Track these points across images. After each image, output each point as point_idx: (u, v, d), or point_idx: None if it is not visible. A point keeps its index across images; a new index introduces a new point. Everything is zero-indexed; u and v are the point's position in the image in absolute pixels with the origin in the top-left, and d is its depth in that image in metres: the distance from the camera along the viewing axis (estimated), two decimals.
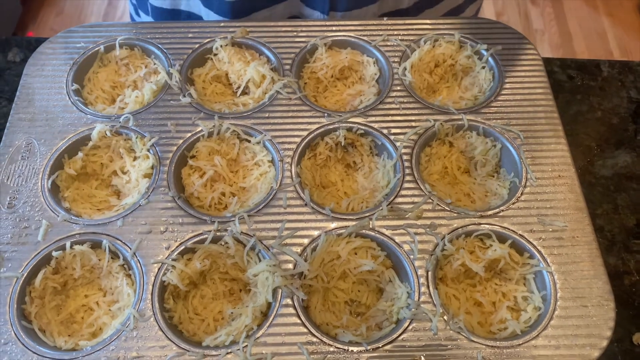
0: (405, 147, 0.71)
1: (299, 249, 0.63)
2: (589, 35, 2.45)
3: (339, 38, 0.80)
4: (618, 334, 0.66)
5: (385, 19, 0.81)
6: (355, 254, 0.64)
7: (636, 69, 0.87)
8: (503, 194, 0.70)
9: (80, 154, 0.70)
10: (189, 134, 0.71)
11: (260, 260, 0.63)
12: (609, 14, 2.54)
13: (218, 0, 0.81)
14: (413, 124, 0.72)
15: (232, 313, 0.62)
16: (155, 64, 0.78)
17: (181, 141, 0.71)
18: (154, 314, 0.60)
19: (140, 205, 0.66)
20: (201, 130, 0.71)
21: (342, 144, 0.73)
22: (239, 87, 0.77)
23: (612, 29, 2.48)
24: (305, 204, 0.66)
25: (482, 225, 0.65)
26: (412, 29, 0.80)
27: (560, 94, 0.84)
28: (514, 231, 0.65)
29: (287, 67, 0.77)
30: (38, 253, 0.63)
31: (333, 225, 0.65)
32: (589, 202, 0.69)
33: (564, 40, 2.44)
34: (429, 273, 0.62)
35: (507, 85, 0.76)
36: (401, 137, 0.71)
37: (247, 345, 0.57)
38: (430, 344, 0.58)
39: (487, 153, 0.73)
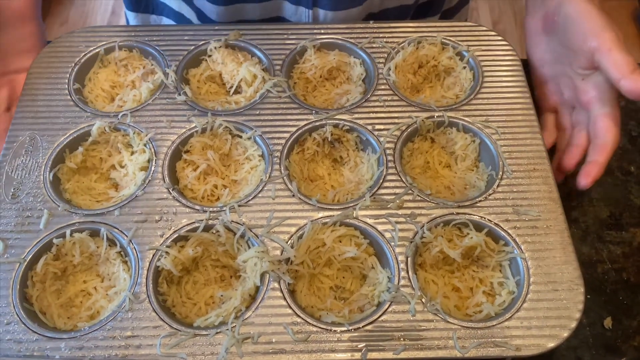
0: (388, 142, 0.74)
1: (286, 237, 0.67)
2: None
3: (327, 40, 0.84)
4: (590, 319, 0.69)
5: (371, 22, 0.85)
6: (340, 241, 0.68)
7: None
8: (481, 186, 0.73)
9: (80, 149, 0.74)
10: (184, 130, 0.75)
11: (249, 248, 0.67)
12: None
13: None
14: (396, 120, 0.76)
15: (222, 296, 0.65)
16: (152, 64, 0.82)
17: (176, 137, 0.75)
18: (148, 297, 0.63)
19: (136, 196, 0.70)
20: (195, 127, 0.75)
21: (329, 139, 0.76)
22: (231, 87, 0.81)
23: None
24: (293, 195, 0.70)
25: (459, 215, 0.69)
26: (396, 32, 0.85)
27: None
28: (490, 220, 0.68)
29: (278, 67, 0.81)
30: (40, 240, 0.67)
31: (319, 215, 0.69)
32: (564, 195, 0.72)
33: None
34: (409, 259, 0.65)
35: (486, 84, 0.80)
36: (385, 132, 0.75)
37: (235, 326, 0.61)
38: (408, 325, 0.61)
39: (467, 148, 0.76)
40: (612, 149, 0.71)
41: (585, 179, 0.70)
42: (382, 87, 0.80)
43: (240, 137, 0.76)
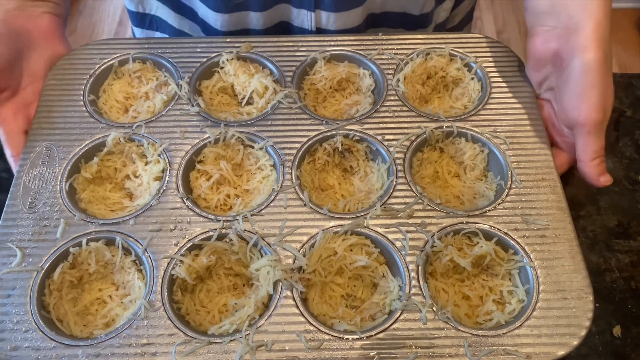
0: (398, 152, 0.76)
1: (298, 246, 0.68)
2: None
3: (337, 52, 0.85)
4: (599, 327, 0.70)
5: (380, 34, 0.87)
6: (351, 250, 0.69)
7: (618, 80, 0.92)
8: (490, 196, 0.74)
9: (95, 159, 0.76)
10: (197, 141, 0.77)
11: (262, 256, 0.68)
12: None
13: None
14: (406, 130, 0.77)
15: (235, 304, 0.66)
16: (165, 76, 0.84)
17: (189, 147, 0.76)
18: (164, 305, 0.64)
19: (151, 206, 0.71)
20: (208, 137, 0.76)
21: (339, 149, 0.78)
22: (243, 98, 0.83)
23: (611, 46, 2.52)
24: (305, 205, 0.71)
25: (469, 224, 0.70)
26: (405, 44, 0.86)
27: None
28: (499, 229, 0.69)
29: (289, 79, 0.83)
30: (56, 249, 0.68)
31: (330, 224, 0.70)
32: (573, 204, 0.73)
33: None
34: (420, 268, 0.66)
35: (494, 95, 0.81)
36: (394, 142, 0.76)
37: (249, 333, 0.62)
38: (420, 333, 0.62)
39: (476, 158, 0.77)
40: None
41: (604, 176, 0.72)
42: (392, 97, 0.81)
43: (252, 147, 0.77)
